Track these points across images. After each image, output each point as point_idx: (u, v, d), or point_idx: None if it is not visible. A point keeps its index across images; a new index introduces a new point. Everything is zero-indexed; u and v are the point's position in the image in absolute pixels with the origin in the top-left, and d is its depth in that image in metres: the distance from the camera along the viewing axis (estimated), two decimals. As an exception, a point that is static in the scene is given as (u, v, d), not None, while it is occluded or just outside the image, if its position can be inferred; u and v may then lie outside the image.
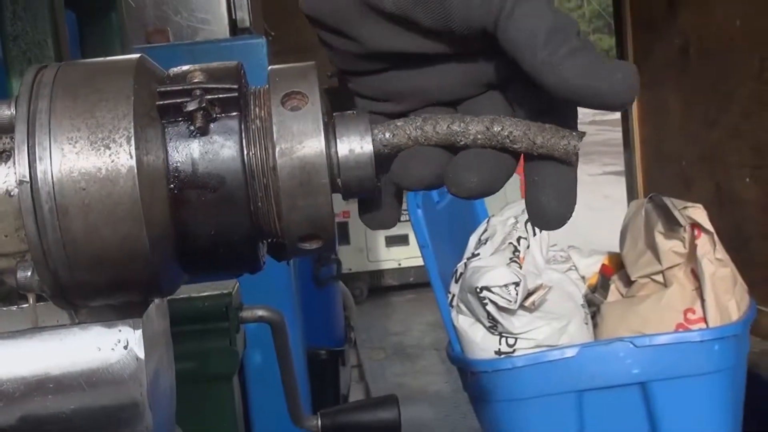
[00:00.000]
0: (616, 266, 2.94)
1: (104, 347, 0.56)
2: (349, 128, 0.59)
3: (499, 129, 0.57)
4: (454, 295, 2.71)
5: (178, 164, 0.56)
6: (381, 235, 6.36)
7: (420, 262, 2.75)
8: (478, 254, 2.72)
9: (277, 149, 0.56)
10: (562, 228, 0.61)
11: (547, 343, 2.54)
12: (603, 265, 2.95)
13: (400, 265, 6.49)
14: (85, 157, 0.54)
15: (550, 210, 0.58)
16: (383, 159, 0.60)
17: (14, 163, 0.56)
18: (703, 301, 2.54)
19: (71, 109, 0.55)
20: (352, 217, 6.21)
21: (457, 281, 2.70)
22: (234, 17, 2.26)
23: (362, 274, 6.44)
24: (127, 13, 2.24)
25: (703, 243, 2.54)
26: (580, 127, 0.60)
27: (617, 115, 4.66)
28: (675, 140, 3.80)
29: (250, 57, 1.97)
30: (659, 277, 2.67)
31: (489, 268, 2.52)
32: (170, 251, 0.56)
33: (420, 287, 6.12)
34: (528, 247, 2.75)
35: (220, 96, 0.56)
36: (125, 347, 0.56)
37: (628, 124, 4.35)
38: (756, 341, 2.87)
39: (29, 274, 0.56)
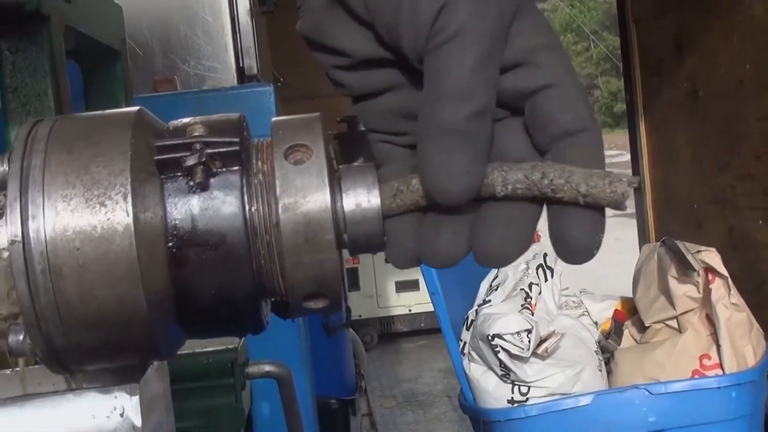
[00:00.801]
0: (630, 311, 2.90)
1: (99, 415, 0.53)
2: (355, 181, 0.56)
3: (539, 177, 0.53)
4: (465, 343, 2.67)
5: (177, 221, 0.53)
6: (391, 280, 6.32)
7: (431, 307, 2.72)
8: (489, 301, 2.69)
9: (280, 204, 0.53)
10: (572, 271, 0.57)
11: (560, 391, 2.50)
12: (616, 310, 2.91)
13: (410, 310, 6.44)
14: (80, 215, 0.52)
15: (576, 243, 0.53)
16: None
17: (6, 222, 0.53)
18: (718, 346, 2.50)
19: (66, 165, 0.53)
20: (362, 263, 6.18)
21: (468, 328, 2.66)
22: (241, 65, 2.26)
23: (372, 320, 6.40)
24: (134, 62, 2.24)
25: (718, 287, 2.50)
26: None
27: (626, 157, 4.65)
28: (686, 183, 3.78)
29: (258, 104, 1.96)
30: (673, 323, 2.63)
31: (500, 315, 2.49)
32: (169, 312, 0.54)
33: (431, 333, 6.07)
34: (540, 293, 2.72)
35: (221, 150, 0.54)
36: (121, 415, 0.53)
37: (638, 166, 4.33)
38: (773, 387, 2.81)
39: (21, 337, 0.53)
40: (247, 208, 0.54)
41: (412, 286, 6.19)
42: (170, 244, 0.53)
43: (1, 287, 0.54)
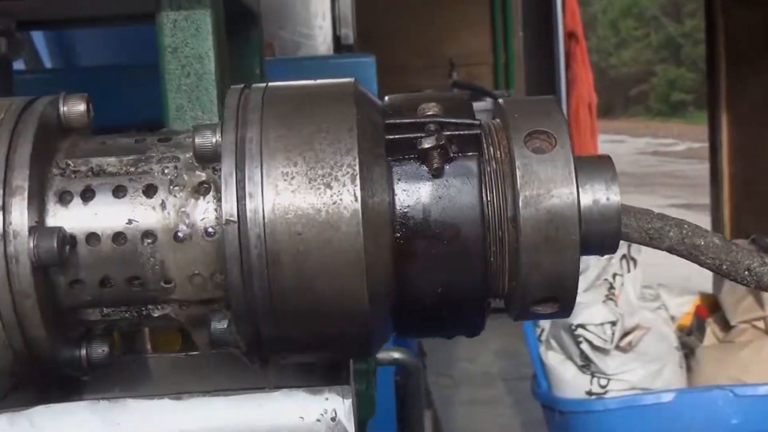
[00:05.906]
0: (711, 308, 2.82)
1: (308, 416, 0.48)
2: (593, 175, 0.51)
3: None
4: (543, 330, 2.61)
5: (407, 210, 0.48)
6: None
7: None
8: (571, 289, 2.63)
9: (520, 197, 0.48)
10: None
11: (641, 386, 2.44)
12: (698, 306, 2.84)
13: (467, 289, 6.39)
14: (303, 196, 0.47)
15: None
16: None
17: (217, 199, 0.48)
18: (808, 351, 2.43)
19: (285, 140, 0.48)
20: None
21: (547, 315, 2.60)
22: (338, 33, 2.19)
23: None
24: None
25: (812, 290, 2.42)
26: (640, 158, 0.52)
27: (681, 146, 4.53)
28: None
29: (359, 75, 1.89)
30: (761, 324, 2.56)
31: (585, 304, 2.42)
32: (388, 309, 0.49)
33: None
34: (623, 284, 2.65)
35: (459, 132, 0.48)
36: (333, 419, 0.48)
37: (716, 160, 4.23)
38: None
39: (225, 326, 0.48)
40: (485, 199, 0.48)
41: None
42: (398, 234, 0.48)
43: (205, 270, 0.49)
